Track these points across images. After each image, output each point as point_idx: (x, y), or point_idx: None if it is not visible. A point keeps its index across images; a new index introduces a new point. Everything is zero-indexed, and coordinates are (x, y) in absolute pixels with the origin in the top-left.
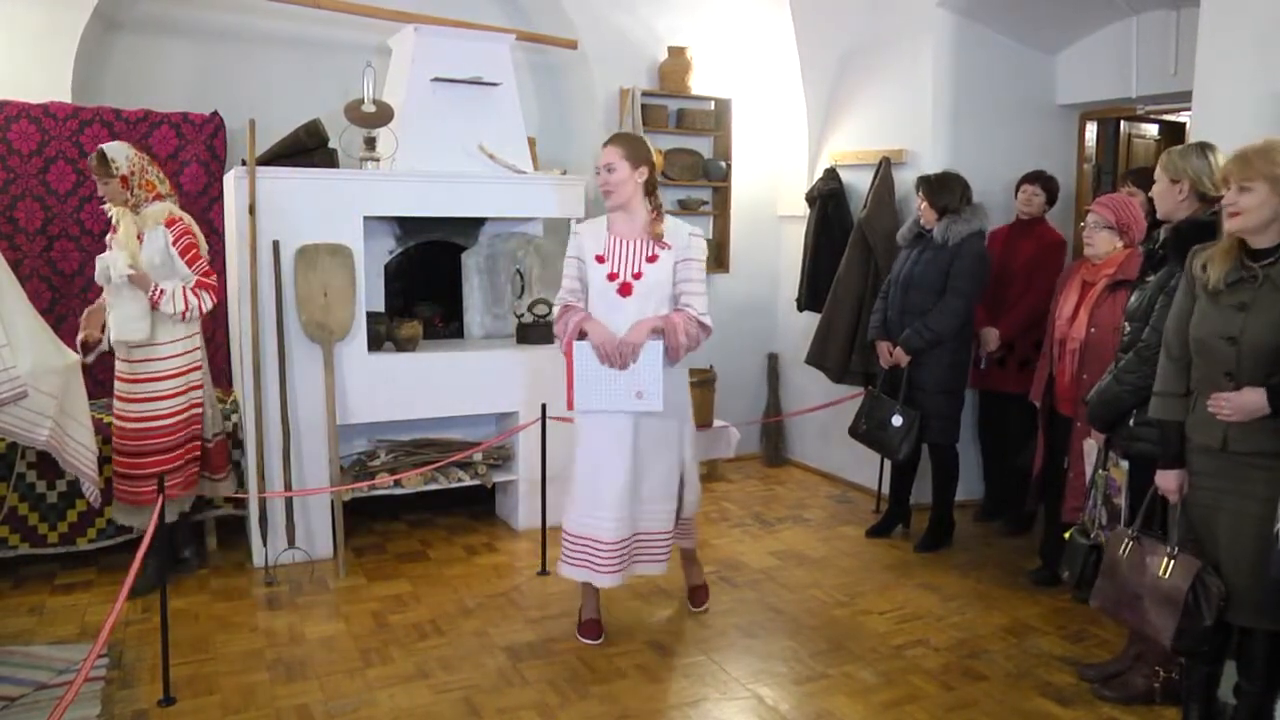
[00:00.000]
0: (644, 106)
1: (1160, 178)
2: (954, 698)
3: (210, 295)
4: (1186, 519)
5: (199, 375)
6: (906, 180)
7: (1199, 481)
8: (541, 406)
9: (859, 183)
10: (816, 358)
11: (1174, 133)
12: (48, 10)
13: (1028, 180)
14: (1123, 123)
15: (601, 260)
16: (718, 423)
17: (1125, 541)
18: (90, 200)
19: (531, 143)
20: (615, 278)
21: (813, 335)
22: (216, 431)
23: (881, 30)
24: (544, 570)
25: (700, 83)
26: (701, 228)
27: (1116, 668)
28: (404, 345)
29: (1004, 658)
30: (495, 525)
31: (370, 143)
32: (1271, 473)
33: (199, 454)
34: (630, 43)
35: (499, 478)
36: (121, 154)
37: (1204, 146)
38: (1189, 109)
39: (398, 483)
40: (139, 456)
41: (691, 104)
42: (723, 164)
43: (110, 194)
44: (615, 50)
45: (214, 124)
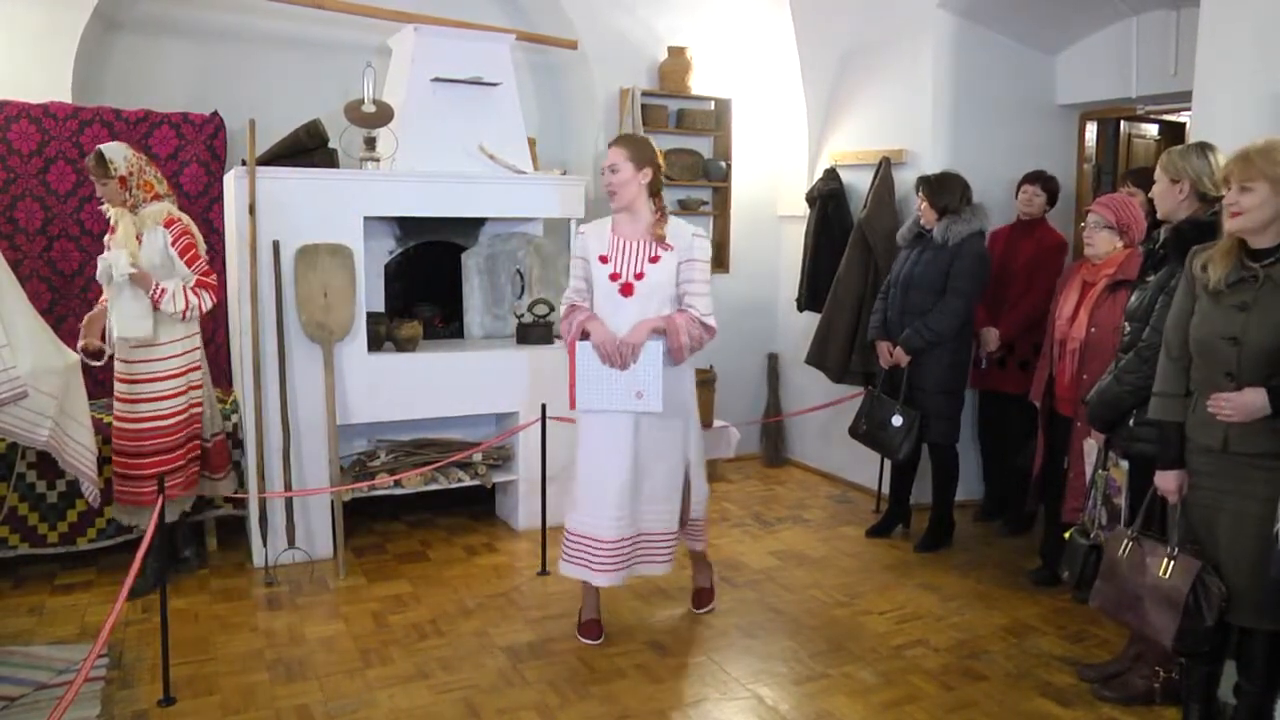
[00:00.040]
0: (644, 106)
1: (1160, 178)
2: (954, 698)
3: (210, 295)
4: (1186, 519)
5: (199, 375)
6: (906, 180)
7: (1199, 482)
8: (541, 406)
9: (859, 183)
10: (816, 358)
11: (1174, 133)
12: (48, 10)
13: (1028, 180)
14: (1123, 123)
15: (605, 260)
16: (718, 423)
17: (1125, 542)
18: (90, 200)
19: (531, 143)
20: (617, 278)
21: (813, 335)
22: (215, 432)
23: (881, 30)
24: (544, 570)
25: (700, 83)
26: (701, 228)
27: (1116, 668)
28: (404, 345)
29: (1004, 658)
30: (495, 525)
31: (370, 143)
32: (1272, 473)
33: (199, 454)
34: (630, 43)
35: (499, 478)
36: (119, 155)
37: (1204, 146)
38: (1189, 109)
39: (398, 483)
40: (139, 457)
41: (691, 104)
42: (723, 164)
43: (108, 195)
44: (615, 50)
45: (214, 124)
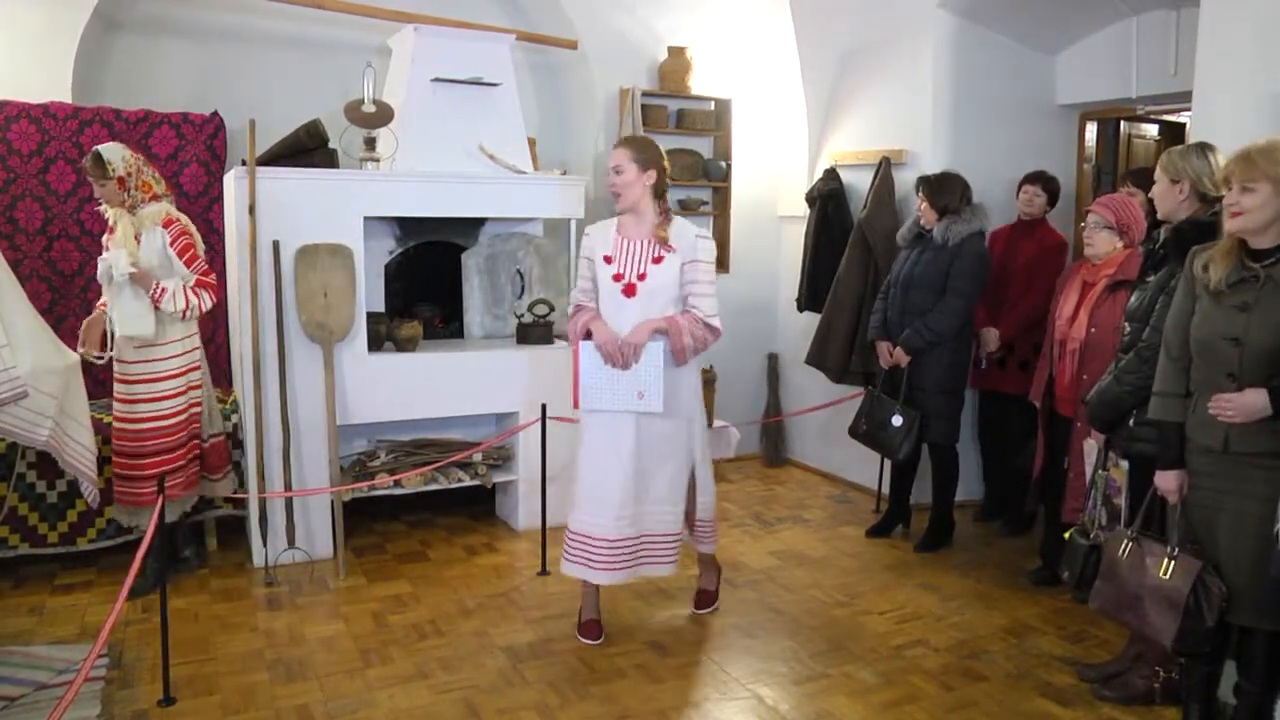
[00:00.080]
0: (644, 106)
1: (1160, 178)
2: (954, 698)
3: (210, 294)
4: (1186, 519)
5: (198, 375)
6: (906, 180)
7: (1199, 482)
8: (541, 406)
9: (859, 183)
10: (816, 358)
11: (1174, 133)
12: (48, 10)
13: (1029, 181)
14: (1123, 123)
15: (609, 261)
16: (718, 423)
17: (1125, 542)
18: (90, 200)
19: (531, 143)
20: (621, 278)
21: (813, 335)
22: (214, 432)
23: (881, 30)
24: (544, 570)
25: (700, 83)
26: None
27: (1116, 668)
28: (404, 345)
29: (1004, 658)
30: (495, 525)
31: (370, 143)
32: (1272, 473)
33: (199, 453)
34: (630, 43)
35: (499, 478)
36: (117, 155)
37: (1204, 147)
38: (1189, 109)
39: (398, 483)
40: (139, 457)
41: (691, 104)
42: (723, 164)
43: (107, 195)
44: (615, 50)
45: (214, 124)
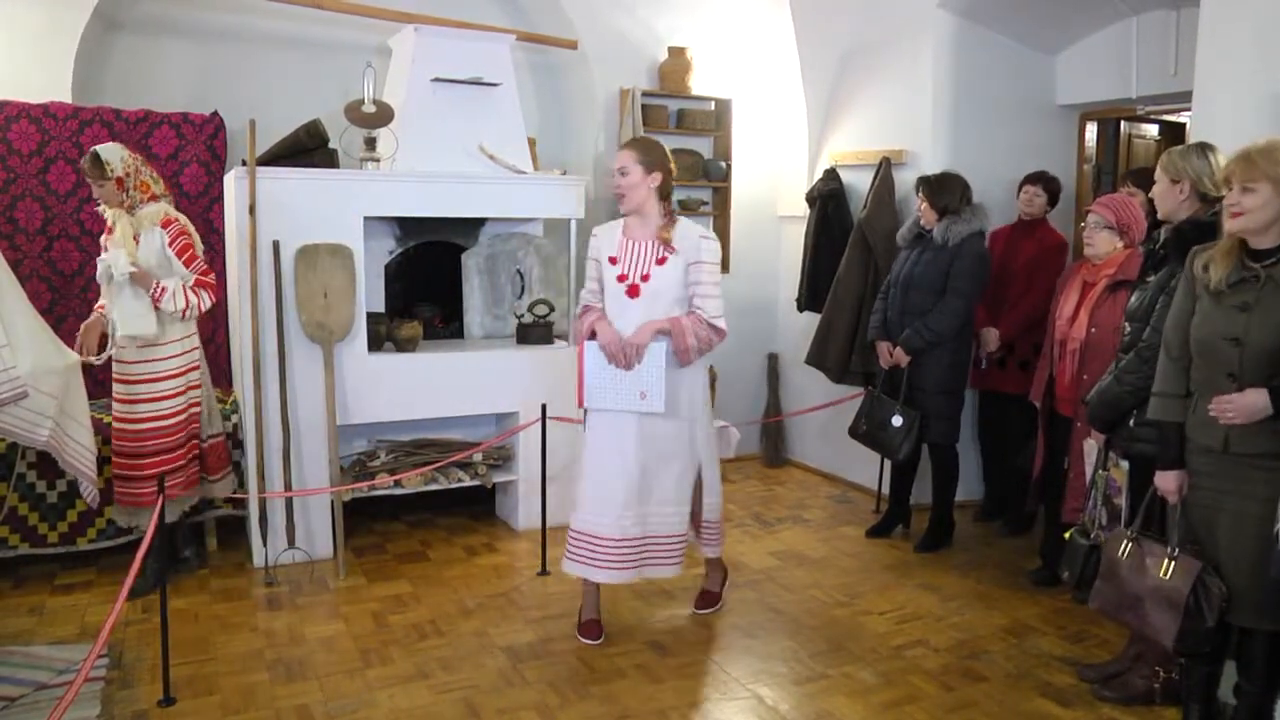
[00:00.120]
0: (644, 107)
1: (1160, 178)
2: (954, 698)
3: (209, 294)
4: (1186, 520)
5: (198, 375)
6: (906, 180)
7: (1199, 482)
8: (541, 406)
9: (859, 183)
10: (816, 358)
11: (1174, 133)
12: (48, 10)
13: (1029, 181)
14: (1123, 123)
15: (614, 261)
16: (718, 423)
17: (1125, 542)
18: (90, 200)
19: (531, 143)
20: (624, 279)
21: (813, 335)
22: (213, 433)
23: (881, 30)
24: (544, 570)
25: (700, 83)
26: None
27: (1116, 668)
28: (404, 345)
29: (1004, 658)
30: (495, 525)
31: (370, 143)
32: (1272, 473)
33: (199, 453)
34: (630, 43)
35: (499, 478)
36: (116, 155)
37: (1204, 147)
38: (1189, 109)
39: (398, 483)
40: (139, 457)
41: (691, 104)
42: (723, 164)
43: (105, 196)
44: (615, 50)
45: (214, 124)
